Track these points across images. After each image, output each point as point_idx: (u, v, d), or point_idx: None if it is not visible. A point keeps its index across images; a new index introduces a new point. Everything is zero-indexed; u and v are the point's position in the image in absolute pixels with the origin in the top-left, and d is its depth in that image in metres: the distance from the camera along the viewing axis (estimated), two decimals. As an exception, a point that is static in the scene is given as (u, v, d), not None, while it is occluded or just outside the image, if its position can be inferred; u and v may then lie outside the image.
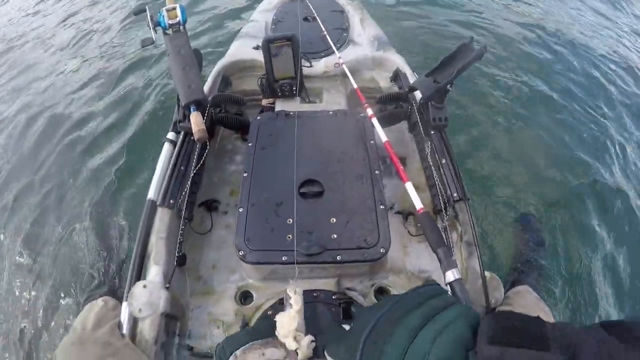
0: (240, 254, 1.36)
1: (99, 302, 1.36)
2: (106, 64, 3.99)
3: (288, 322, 1.05)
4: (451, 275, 1.16)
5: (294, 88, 2.01)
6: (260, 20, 2.61)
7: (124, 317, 1.29)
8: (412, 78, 2.14)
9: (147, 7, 1.80)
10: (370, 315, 0.78)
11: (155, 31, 1.81)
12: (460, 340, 0.59)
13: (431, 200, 1.75)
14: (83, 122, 3.26)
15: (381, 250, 1.37)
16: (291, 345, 1.02)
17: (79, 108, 3.43)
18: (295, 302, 1.08)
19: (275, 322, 1.08)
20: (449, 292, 1.14)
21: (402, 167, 1.46)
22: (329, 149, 1.66)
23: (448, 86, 1.67)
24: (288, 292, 1.11)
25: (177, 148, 1.75)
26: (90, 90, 3.63)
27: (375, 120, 1.67)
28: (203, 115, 1.71)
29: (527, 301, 1.41)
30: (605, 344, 0.47)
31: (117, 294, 1.79)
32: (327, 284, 1.43)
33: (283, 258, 1.34)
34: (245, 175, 1.58)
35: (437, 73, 1.69)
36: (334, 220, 1.43)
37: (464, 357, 0.56)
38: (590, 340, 0.49)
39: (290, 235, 1.39)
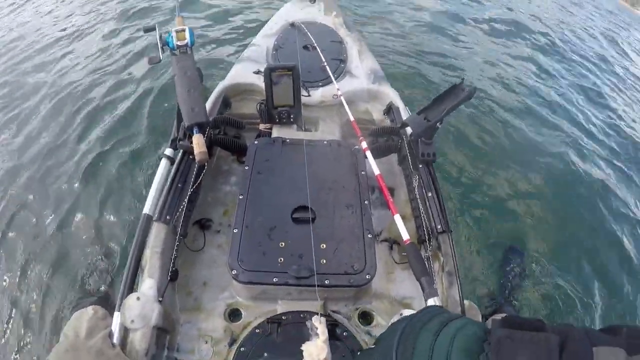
0: (233, 273, 1.42)
1: (89, 310, 1.38)
2: (111, 74, 4.07)
3: (317, 352, 1.10)
4: (432, 302, 1.24)
5: (292, 116, 2.09)
6: (261, 45, 2.70)
7: (115, 327, 1.32)
8: (404, 112, 2.24)
9: (157, 25, 1.87)
10: (393, 329, 0.92)
11: (163, 50, 1.87)
12: (475, 337, 0.72)
13: (416, 230, 1.83)
14: (83, 131, 3.32)
15: (367, 277, 1.44)
16: None
17: (77, 115, 3.49)
18: (322, 333, 1.13)
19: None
20: None
21: (391, 200, 1.55)
22: (322, 177, 1.74)
23: (437, 124, 1.79)
24: (314, 321, 1.17)
25: (175, 166, 1.80)
26: (95, 98, 3.70)
27: (369, 154, 1.76)
28: (204, 137, 1.77)
29: None
30: (589, 331, 0.63)
31: (106, 304, 1.81)
32: (313, 305, 1.48)
33: (274, 279, 1.41)
34: (241, 197, 1.64)
35: (428, 111, 1.80)
36: (324, 246, 1.50)
37: (480, 347, 0.69)
38: (578, 329, 0.64)
39: (282, 258, 1.45)
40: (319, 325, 1.15)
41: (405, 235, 1.42)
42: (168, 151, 1.91)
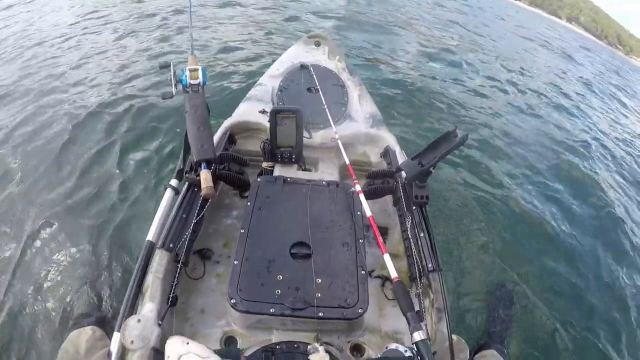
0: (232, 302, 1.48)
1: (87, 330, 1.44)
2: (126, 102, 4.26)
3: None
4: (417, 336, 1.29)
5: (293, 156, 2.20)
6: (267, 85, 2.82)
7: (114, 347, 1.36)
8: (400, 155, 2.37)
9: (172, 62, 1.99)
10: None
11: (176, 87, 1.97)
12: None
13: (408, 268, 1.90)
14: (84, 153, 3.43)
15: (359, 311, 1.51)
16: None
17: (88, 140, 3.61)
18: (322, 358, 1.19)
19: None
20: (415, 350, 1.28)
21: (382, 240, 1.64)
22: (319, 216, 1.84)
23: (431, 169, 1.90)
24: (316, 345, 1.23)
25: (180, 197, 1.89)
26: (105, 123, 3.87)
27: (362, 197, 1.86)
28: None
29: None
30: None
31: (102, 325, 1.85)
32: (306, 337, 1.53)
33: (271, 310, 1.47)
34: (242, 231, 1.72)
35: (422, 156, 1.91)
36: (319, 280, 1.58)
37: None
38: None
39: (279, 290, 1.53)
40: (321, 350, 1.21)
41: (393, 273, 1.49)
42: (173, 182, 2.01)
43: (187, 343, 1.01)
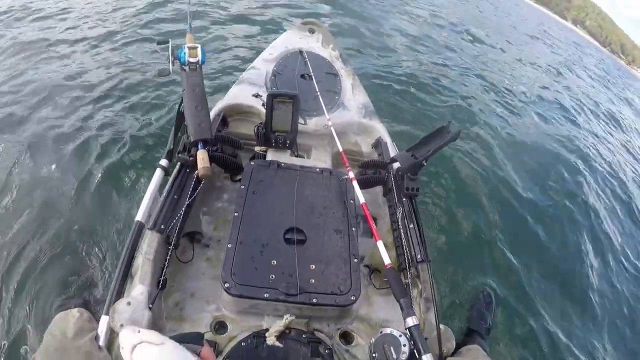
0: (226, 286, 1.48)
1: (74, 312, 1.40)
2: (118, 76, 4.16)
3: None
4: (410, 321, 1.34)
5: (287, 141, 2.19)
6: (261, 69, 2.79)
7: (102, 330, 1.35)
8: (391, 147, 2.39)
9: (170, 40, 1.95)
10: None
11: (174, 64, 1.94)
12: None
13: (396, 258, 1.93)
14: (75, 133, 3.32)
15: (352, 298, 1.54)
16: None
17: (73, 117, 3.49)
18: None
19: None
20: (408, 335, 1.32)
21: (375, 227, 1.67)
22: (313, 202, 1.85)
23: (423, 162, 1.93)
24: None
25: (172, 177, 1.86)
26: (94, 101, 3.74)
27: (355, 183, 1.88)
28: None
29: (477, 358, 1.61)
30: None
31: (88, 307, 1.82)
32: (298, 323, 1.55)
33: (265, 295, 1.48)
34: (235, 214, 1.72)
35: (416, 149, 1.94)
36: (313, 267, 1.60)
37: None
38: None
39: (273, 275, 1.53)
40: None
41: (386, 260, 1.53)
42: (163, 162, 1.97)
43: (139, 331, 0.99)
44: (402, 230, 1.92)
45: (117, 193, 2.78)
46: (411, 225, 1.91)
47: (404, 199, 2.01)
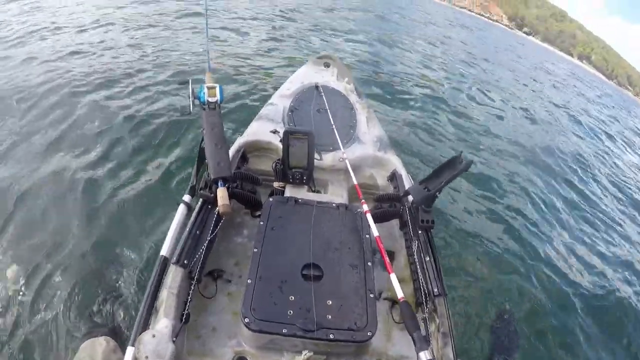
0: (246, 321, 1.52)
1: (101, 340, 1.46)
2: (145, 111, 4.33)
3: None
4: (423, 356, 1.33)
5: (304, 177, 2.25)
6: (278, 105, 2.88)
7: None
8: (406, 179, 2.42)
9: (190, 79, 2.04)
10: None
11: (194, 103, 2.03)
12: None
13: (413, 292, 1.94)
14: (99, 164, 3.49)
15: (368, 334, 1.55)
16: None
17: (97, 149, 3.67)
18: None
19: None
20: None
21: (388, 260, 1.69)
22: (329, 237, 1.89)
23: (437, 193, 1.95)
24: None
25: (195, 213, 1.93)
26: (119, 135, 3.90)
27: (369, 216, 1.91)
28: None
29: None
30: None
31: (114, 337, 1.88)
32: (316, 359, 1.57)
33: (283, 330, 1.51)
34: (255, 250, 1.77)
35: (428, 181, 1.97)
36: (330, 302, 1.62)
37: None
38: None
39: (291, 311, 1.57)
40: None
41: (400, 294, 1.54)
42: (186, 197, 2.04)
43: None
44: (418, 264, 1.93)
45: (142, 225, 2.89)
46: (427, 258, 1.92)
47: (420, 232, 2.03)
